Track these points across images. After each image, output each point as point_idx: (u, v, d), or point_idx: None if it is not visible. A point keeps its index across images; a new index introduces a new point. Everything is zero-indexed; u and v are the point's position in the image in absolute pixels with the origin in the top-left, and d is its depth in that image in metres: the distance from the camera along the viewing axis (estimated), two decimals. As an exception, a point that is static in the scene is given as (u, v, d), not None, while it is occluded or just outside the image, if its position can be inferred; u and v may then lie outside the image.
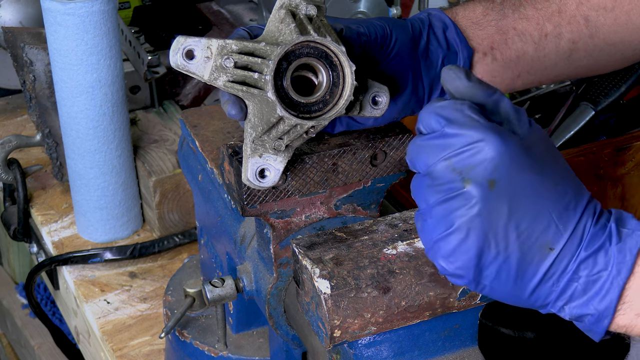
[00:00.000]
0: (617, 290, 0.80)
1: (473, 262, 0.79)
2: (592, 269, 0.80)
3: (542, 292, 0.81)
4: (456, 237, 0.79)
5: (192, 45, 0.87)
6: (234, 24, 1.82)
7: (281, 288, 1.02)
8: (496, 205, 0.79)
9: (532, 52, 1.08)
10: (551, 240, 0.80)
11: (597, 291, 0.80)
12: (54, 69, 1.44)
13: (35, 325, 2.20)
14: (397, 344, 0.90)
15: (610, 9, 1.09)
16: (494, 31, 1.07)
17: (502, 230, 0.79)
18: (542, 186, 0.80)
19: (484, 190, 0.78)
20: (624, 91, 1.61)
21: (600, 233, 0.81)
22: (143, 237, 1.57)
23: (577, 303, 0.81)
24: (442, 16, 1.05)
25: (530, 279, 0.80)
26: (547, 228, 0.80)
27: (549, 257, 0.80)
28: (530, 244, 0.79)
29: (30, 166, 1.71)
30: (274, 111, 0.86)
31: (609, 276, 0.80)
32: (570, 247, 0.80)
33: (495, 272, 0.80)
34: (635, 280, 0.80)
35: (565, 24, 1.09)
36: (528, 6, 1.09)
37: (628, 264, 0.80)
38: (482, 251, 0.79)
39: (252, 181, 0.91)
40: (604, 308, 0.80)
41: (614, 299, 0.80)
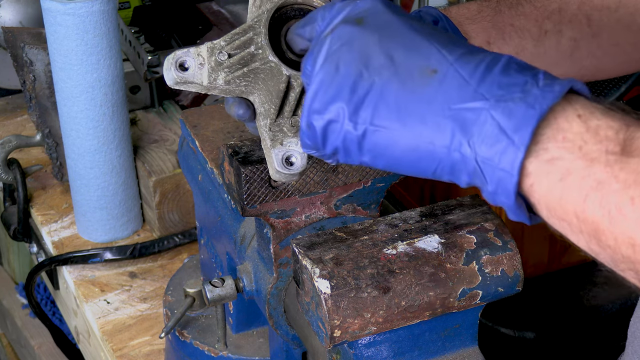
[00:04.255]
0: (537, 114, 0.66)
1: (346, 95, 0.72)
2: (500, 93, 0.68)
3: (434, 127, 0.69)
4: (326, 75, 0.74)
5: (183, 57, 0.87)
6: (234, 24, 1.82)
7: (281, 288, 1.02)
8: (364, 35, 0.73)
9: (531, 48, 1.08)
10: (433, 62, 0.70)
11: (510, 114, 0.67)
12: (54, 69, 1.44)
13: (35, 325, 2.20)
14: (397, 344, 0.90)
15: (614, 9, 1.08)
16: (489, 26, 1.07)
17: (374, 57, 0.72)
18: (424, 27, 0.73)
19: (351, 26, 0.74)
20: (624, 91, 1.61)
21: (511, 64, 0.69)
22: (143, 237, 1.57)
23: (485, 137, 0.67)
24: (433, 11, 1.05)
25: (416, 108, 0.70)
26: (428, 53, 0.71)
27: (432, 80, 0.70)
28: (407, 68, 0.71)
29: (30, 166, 1.71)
30: (281, 78, 0.86)
31: (528, 98, 0.67)
32: (460, 70, 0.69)
33: (373, 105, 0.72)
34: (555, 118, 0.67)
35: (566, 22, 1.08)
36: (526, 4, 1.08)
37: (556, 92, 0.67)
38: (354, 81, 0.72)
39: (282, 170, 0.87)
40: (518, 135, 0.66)
41: (531, 123, 0.66)
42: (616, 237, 0.65)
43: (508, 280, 0.90)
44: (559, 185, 0.66)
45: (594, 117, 0.66)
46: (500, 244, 0.91)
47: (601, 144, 0.65)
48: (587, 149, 0.65)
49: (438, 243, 0.90)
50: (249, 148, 0.97)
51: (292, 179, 0.89)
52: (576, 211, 0.66)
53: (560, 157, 0.66)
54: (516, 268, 0.91)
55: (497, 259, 0.90)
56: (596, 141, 0.65)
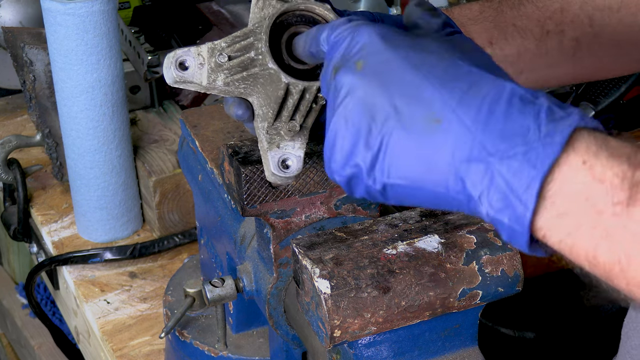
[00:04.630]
0: (541, 172, 0.66)
1: (359, 153, 0.72)
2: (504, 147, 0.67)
3: (445, 180, 0.69)
4: (337, 130, 0.73)
5: (183, 56, 0.87)
6: (234, 24, 1.81)
7: (281, 288, 1.02)
8: (365, 84, 0.72)
9: (533, 49, 1.08)
10: (436, 111, 0.69)
11: (515, 173, 0.67)
12: (54, 69, 1.44)
13: (35, 325, 2.19)
14: (397, 344, 0.90)
15: (616, 9, 1.08)
16: (491, 26, 1.07)
17: (378, 108, 0.71)
18: (420, 60, 0.71)
19: (351, 73, 0.73)
20: (624, 91, 1.61)
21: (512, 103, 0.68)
22: (143, 237, 1.57)
23: (494, 194, 0.68)
24: None
25: (425, 161, 0.70)
26: (431, 99, 0.69)
27: (437, 131, 0.69)
28: (412, 118, 0.70)
29: (30, 166, 1.71)
30: (279, 84, 0.85)
31: (530, 156, 0.66)
32: (463, 116, 0.68)
33: (387, 160, 0.71)
34: (561, 170, 0.66)
35: (568, 22, 1.08)
36: (528, 5, 1.08)
37: (557, 145, 0.66)
38: (365, 138, 0.71)
39: (277, 173, 0.88)
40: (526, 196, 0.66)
41: (536, 184, 0.66)
42: (628, 282, 0.66)
43: (508, 280, 0.90)
44: (570, 237, 0.67)
45: (599, 163, 0.66)
46: (500, 244, 0.91)
47: (607, 195, 0.65)
48: (594, 200, 0.65)
49: (438, 243, 0.90)
50: (249, 148, 0.97)
51: (287, 181, 0.90)
52: (588, 257, 0.67)
53: (568, 211, 0.66)
54: (516, 268, 0.91)
55: (497, 259, 0.90)
56: (602, 192, 0.65)
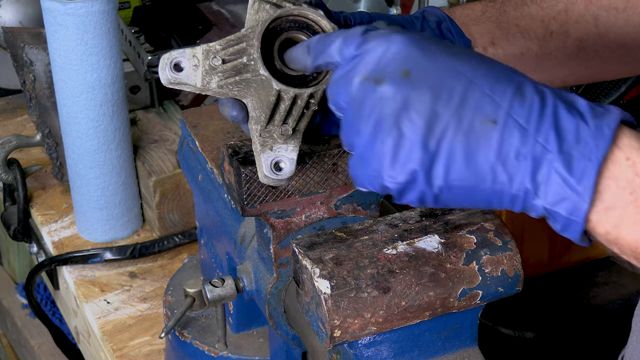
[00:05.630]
0: (595, 165, 0.71)
1: (419, 158, 0.74)
2: (558, 143, 0.72)
3: (504, 177, 0.73)
4: (391, 140, 0.75)
5: (178, 57, 0.87)
6: (234, 24, 1.81)
7: (281, 288, 1.02)
8: (417, 93, 0.74)
9: (536, 49, 1.07)
10: (490, 113, 0.73)
11: (571, 167, 0.72)
12: (54, 69, 1.44)
13: (35, 325, 2.20)
14: (397, 344, 0.90)
15: (622, 9, 1.07)
16: (493, 27, 1.06)
17: (433, 116, 0.74)
18: (463, 66, 0.75)
19: (400, 82, 0.75)
20: (624, 91, 1.61)
21: (557, 104, 0.73)
22: (143, 237, 1.57)
23: (551, 187, 0.73)
24: (436, 11, 1.04)
25: (484, 160, 0.73)
26: (481, 102, 0.74)
27: (494, 131, 0.73)
28: (468, 122, 0.73)
29: (30, 166, 1.71)
30: (271, 91, 0.86)
31: (584, 150, 0.72)
32: (516, 117, 0.73)
33: (445, 163, 0.74)
34: (607, 166, 0.72)
35: (572, 23, 1.07)
36: (532, 5, 1.08)
37: (607, 138, 0.72)
38: (423, 143, 0.74)
39: (270, 175, 0.89)
40: (582, 189, 0.72)
41: (592, 176, 0.71)
42: None
43: (508, 280, 0.90)
44: (615, 229, 0.72)
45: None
46: (500, 244, 0.91)
47: None
48: (637, 195, 0.71)
49: (438, 243, 0.90)
50: (249, 148, 0.97)
51: (280, 183, 0.90)
52: (631, 249, 0.73)
53: (614, 205, 0.72)
54: (516, 268, 0.91)
55: (497, 259, 0.90)
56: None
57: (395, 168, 0.76)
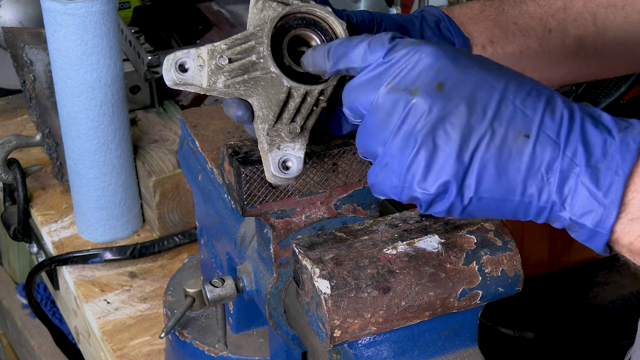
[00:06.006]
0: (622, 179, 0.73)
1: (452, 170, 0.75)
2: (586, 157, 0.74)
3: (533, 189, 0.75)
4: (425, 152, 0.75)
5: (183, 58, 0.87)
6: (234, 24, 1.81)
7: (281, 288, 1.02)
8: (452, 106, 0.75)
9: (535, 48, 1.07)
10: (522, 127, 0.75)
11: (598, 180, 0.74)
12: (54, 69, 1.44)
13: (35, 325, 2.20)
14: (397, 344, 0.90)
15: (620, 7, 1.07)
16: (492, 25, 1.06)
17: (467, 129, 0.75)
18: (494, 79, 0.76)
19: (434, 94, 0.75)
20: (624, 91, 1.61)
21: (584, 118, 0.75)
22: (143, 237, 1.57)
23: (577, 200, 0.74)
24: (435, 11, 1.04)
25: (515, 173, 0.75)
26: (514, 116, 0.75)
27: (527, 146, 0.75)
28: (501, 135, 0.75)
29: (30, 166, 1.71)
30: (281, 88, 0.85)
31: (611, 164, 0.74)
32: (548, 131, 0.75)
33: (477, 175, 0.75)
34: (633, 179, 0.74)
35: (571, 21, 1.07)
36: (530, 3, 1.08)
37: (632, 152, 0.73)
38: (457, 156, 0.75)
39: (278, 175, 0.88)
40: (608, 202, 0.73)
41: (619, 189, 0.73)
42: None
43: (508, 280, 0.90)
44: (638, 240, 0.74)
45: None
46: (500, 244, 0.91)
47: None
48: None
49: (438, 243, 0.90)
50: (249, 148, 0.97)
51: (288, 182, 0.90)
52: None
53: (638, 216, 0.73)
54: (516, 268, 0.91)
55: (497, 259, 0.90)
56: None
57: (427, 180, 0.76)
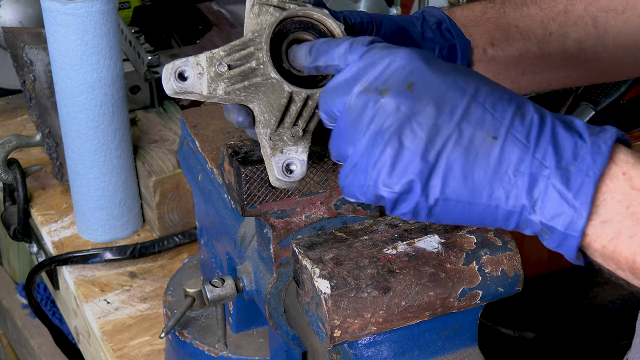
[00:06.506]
0: (593, 180, 0.72)
1: (417, 169, 0.75)
2: (556, 159, 0.73)
3: (500, 193, 0.74)
4: (391, 150, 0.75)
5: (182, 66, 0.87)
6: (234, 24, 1.81)
7: (281, 288, 1.02)
8: (421, 106, 0.75)
9: (535, 50, 1.07)
10: (491, 129, 0.74)
11: (568, 182, 0.73)
12: (54, 69, 1.44)
13: (35, 325, 2.20)
14: (397, 344, 0.90)
15: (621, 11, 1.07)
16: (493, 28, 1.06)
17: (434, 129, 0.75)
18: (466, 83, 0.76)
19: (404, 94, 0.75)
20: (624, 91, 1.61)
21: (555, 123, 0.74)
22: (143, 237, 1.57)
23: (548, 202, 0.73)
24: (436, 12, 1.04)
25: (482, 175, 0.74)
26: (482, 118, 0.74)
27: (494, 147, 0.74)
28: (468, 137, 0.74)
29: (30, 166, 1.71)
30: (282, 93, 0.85)
31: (581, 166, 0.73)
32: (517, 134, 0.74)
33: (442, 176, 0.75)
34: (604, 181, 0.73)
35: (571, 24, 1.07)
36: (531, 5, 1.08)
37: (604, 154, 0.73)
38: (422, 155, 0.75)
39: (282, 178, 0.89)
40: (579, 203, 0.72)
41: (590, 190, 0.72)
42: None
43: (508, 280, 0.90)
44: (611, 243, 0.73)
45: (637, 175, 0.73)
46: (500, 243, 0.91)
47: None
48: (634, 209, 0.72)
49: (438, 243, 0.90)
50: (249, 148, 0.97)
51: (292, 186, 0.90)
52: (627, 263, 0.73)
53: (611, 219, 0.72)
54: (516, 268, 0.91)
55: (497, 259, 0.90)
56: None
57: (392, 177, 0.76)
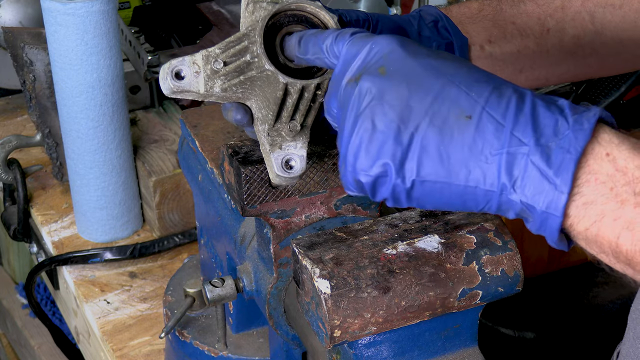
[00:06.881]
0: (574, 157, 0.70)
1: (390, 151, 0.74)
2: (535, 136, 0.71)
3: (477, 173, 0.73)
4: (365, 134, 0.75)
5: (179, 66, 0.87)
6: (234, 24, 1.81)
7: (281, 288, 1.02)
8: (392, 87, 0.75)
9: (533, 47, 1.07)
10: (466, 108, 0.73)
11: (549, 159, 0.71)
12: (54, 69, 1.44)
13: (35, 325, 2.20)
14: (397, 344, 0.90)
15: (618, 6, 1.07)
16: (490, 25, 1.06)
17: (407, 110, 0.74)
18: (443, 65, 0.75)
19: (376, 77, 0.75)
20: (624, 91, 1.61)
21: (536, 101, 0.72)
22: (143, 237, 1.57)
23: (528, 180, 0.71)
24: (433, 10, 1.04)
25: (458, 156, 0.73)
26: (457, 98, 0.73)
27: (469, 126, 0.72)
28: (442, 116, 0.73)
29: (30, 166, 1.71)
30: (277, 85, 0.85)
31: (562, 143, 0.71)
32: (492, 112, 0.72)
33: (417, 157, 0.74)
34: (587, 160, 0.71)
35: (569, 20, 1.08)
36: (529, 2, 1.08)
37: (586, 131, 0.71)
38: (395, 137, 0.74)
39: (282, 174, 0.89)
40: (560, 180, 0.70)
41: (571, 167, 0.70)
42: None
43: (508, 280, 0.90)
44: (595, 225, 0.71)
45: (622, 156, 0.70)
46: (500, 244, 0.91)
47: (629, 185, 0.70)
48: (617, 190, 0.70)
49: (438, 243, 0.90)
50: (249, 148, 0.97)
51: (292, 182, 0.90)
52: (611, 246, 0.71)
53: (594, 200, 0.70)
54: (516, 268, 0.91)
55: (497, 259, 0.90)
56: (625, 182, 0.70)
57: (367, 161, 0.75)
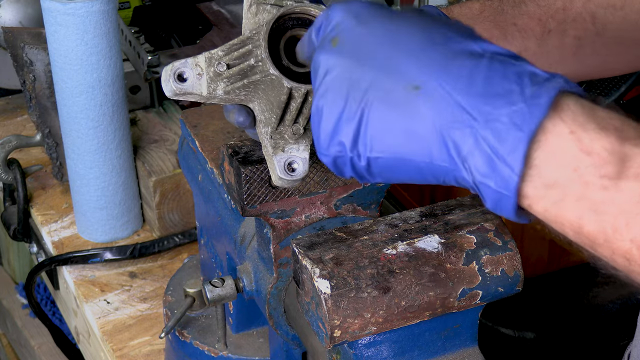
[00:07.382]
0: (527, 136, 0.65)
1: (342, 129, 0.72)
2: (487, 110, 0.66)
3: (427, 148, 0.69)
4: (317, 112, 0.73)
5: (181, 68, 0.87)
6: (234, 24, 1.82)
7: (281, 288, 1.02)
8: (341, 61, 0.72)
9: (534, 48, 1.07)
10: (415, 78, 0.68)
11: (499, 135, 0.66)
12: (54, 69, 1.44)
13: (35, 325, 2.20)
14: (397, 344, 0.90)
15: (619, 7, 1.07)
16: (491, 26, 1.06)
17: (355, 82, 0.71)
18: (397, 30, 0.71)
19: (328, 51, 0.74)
20: (624, 91, 1.61)
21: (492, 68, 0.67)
22: (143, 237, 1.57)
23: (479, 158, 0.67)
24: (434, 10, 1.04)
25: (406, 130, 0.69)
26: (405, 67, 0.69)
27: (416, 99, 0.68)
28: (388, 89, 0.69)
29: (30, 166, 1.71)
30: (282, 90, 0.85)
31: (515, 119, 0.65)
32: (443, 82, 0.68)
33: (369, 133, 0.71)
34: (547, 138, 0.66)
35: (570, 21, 1.08)
36: (530, 3, 1.08)
37: (543, 106, 0.65)
38: (346, 114, 0.71)
39: (284, 177, 0.88)
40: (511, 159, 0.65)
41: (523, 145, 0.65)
42: (613, 251, 0.66)
43: (508, 280, 0.90)
44: (555, 206, 0.67)
45: (587, 135, 0.65)
46: (500, 244, 0.91)
47: (595, 167, 0.65)
48: (582, 171, 0.65)
49: (438, 243, 0.90)
50: (249, 148, 0.97)
51: (294, 184, 0.90)
52: (572, 227, 0.67)
53: (555, 182, 0.66)
54: (516, 268, 0.91)
55: (497, 259, 0.90)
56: (590, 163, 0.65)
57: (325, 141, 0.74)
